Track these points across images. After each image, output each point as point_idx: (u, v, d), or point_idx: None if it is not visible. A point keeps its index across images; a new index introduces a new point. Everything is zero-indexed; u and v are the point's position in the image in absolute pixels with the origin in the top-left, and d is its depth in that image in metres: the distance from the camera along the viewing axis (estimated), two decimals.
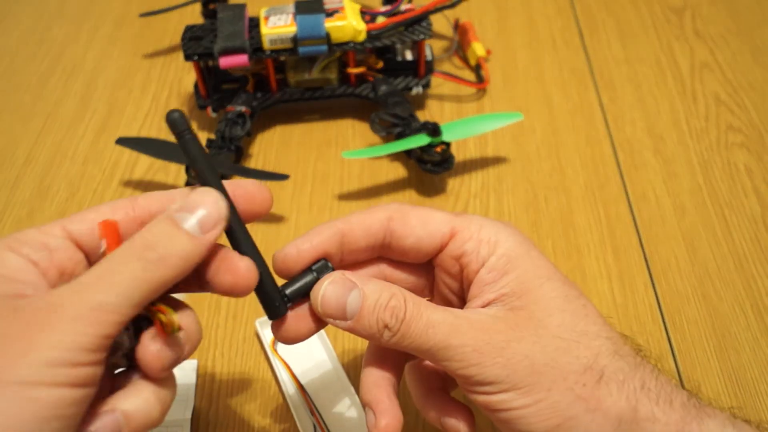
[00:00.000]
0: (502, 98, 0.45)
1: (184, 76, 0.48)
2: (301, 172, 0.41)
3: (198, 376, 0.32)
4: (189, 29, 0.41)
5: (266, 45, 0.40)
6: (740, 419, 0.21)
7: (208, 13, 0.47)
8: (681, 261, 0.36)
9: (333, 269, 0.21)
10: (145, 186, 0.41)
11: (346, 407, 0.30)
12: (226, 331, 0.34)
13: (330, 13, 0.40)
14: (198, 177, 0.19)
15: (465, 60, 0.48)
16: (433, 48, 0.46)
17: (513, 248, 0.22)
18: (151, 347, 0.18)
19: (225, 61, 0.39)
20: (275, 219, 0.39)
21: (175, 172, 0.42)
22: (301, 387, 0.30)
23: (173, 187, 0.41)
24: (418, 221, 0.23)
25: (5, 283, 0.18)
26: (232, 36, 0.39)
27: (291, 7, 0.40)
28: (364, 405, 0.23)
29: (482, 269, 0.22)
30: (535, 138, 0.43)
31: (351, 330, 0.22)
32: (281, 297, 0.21)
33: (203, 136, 0.44)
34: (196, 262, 0.18)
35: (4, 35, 0.52)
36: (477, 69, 0.47)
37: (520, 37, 0.50)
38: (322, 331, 0.32)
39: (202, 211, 0.18)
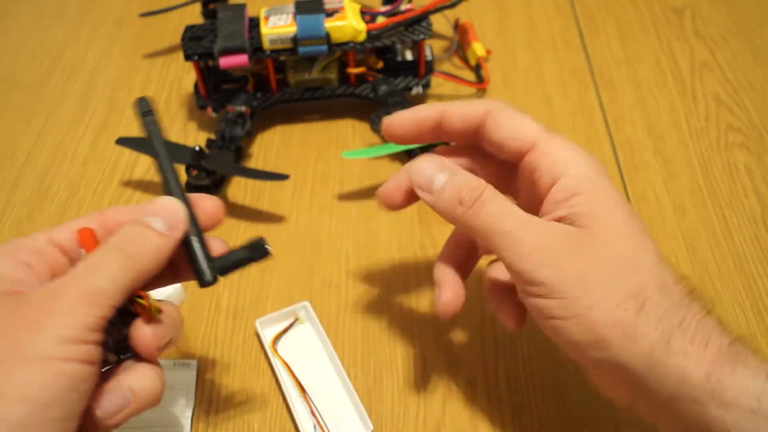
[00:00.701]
0: (502, 98, 0.45)
1: (184, 76, 0.48)
2: (301, 172, 0.41)
3: (198, 376, 0.32)
4: (189, 29, 0.41)
5: (266, 45, 0.40)
6: None
7: (208, 13, 0.47)
8: (681, 261, 0.36)
9: (268, 250, 0.23)
10: (145, 186, 0.41)
11: (346, 407, 0.30)
12: (226, 331, 0.34)
13: (330, 13, 0.40)
14: (158, 168, 0.23)
15: (465, 60, 0.48)
16: (433, 48, 0.46)
17: (587, 172, 0.24)
18: (145, 330, 0.21)
19: (225, 61, 0.39)
20: (275, 219, 0.39)
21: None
22: (301, 387, 0.30)
23: None
24: (509, 123, 0.25)
25: (4, 283, 0.20)
26: (232, 36, 0.39)
27: (291, 7, 0.40)
28: (435, 283, 0.26)
29: (554, 187, 0.24)
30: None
31: (432, 204, 0.25)
32: (213, 266, 0.22)
33: (203, 136, 0.44)
34: (167, 255, 0.21)
35: (4, 35, 0.52)
36: (477, 69, 0.47)
37: (520, 37, 0.50)
38: (322, 332, 0.32)
39: (166, 214, 0.22)
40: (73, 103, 0.47)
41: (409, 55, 0.45)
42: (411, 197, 0.27)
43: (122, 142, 0.41)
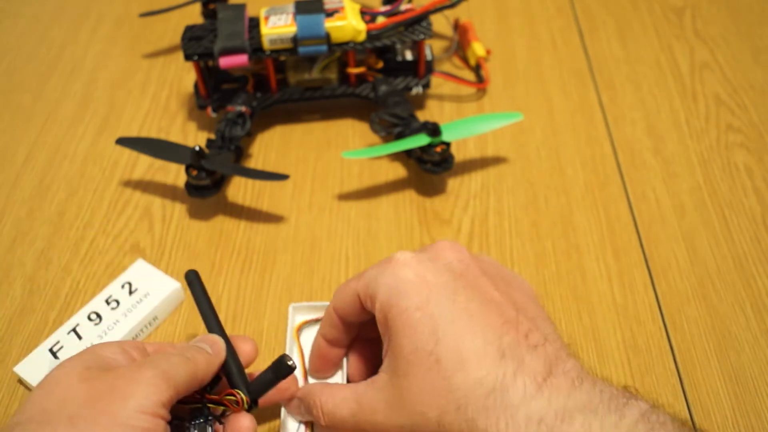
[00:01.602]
0: (502, 98, 0.45)
1: (184, 76, 0.48)
2: (301, 172, 0.41)
3: None
4: (189, 29, 0.41)
5: (266, 45, 0.40)
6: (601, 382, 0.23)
7: (208, 13, 0.47)
8: (681, 261, 0.36)
9: (292, 367, 0.25)
10: (145, 186, 0.41)
11: None
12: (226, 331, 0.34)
13: (330, 13, 0.40)
14: (204, 322, 0.28)
15: (465, 60, 0.48)
16: (433, 48, 0.46)
17: (386, 305, 0.25)
18: (244, 422, 0.25)
19: (225, 61, 0.39)
20: (275, 219, 0.39)
21: (175, 172, 0.41)
22: (306, 377, 0.30)
23: (172, 186, 0.41)
24: (344, 306, 0.28)
25: (102, 360, 0.25)
26: (232, 36, 0.39)
27: (291, 7, 0.40)
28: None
29: (378, 323, 0.26)
30: (535, 138, 0.43)
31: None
32: (249, 393, 0.26)
33: (203, 136, 0.44)
34: (214, 369, 0.26)
35: (3, 35, 0.52)
36: (477, 69, 0.47)
37: (520, 37, 0.49)
38: None
39: (211, 343, 0.27)
40: (72, 103, 0.47)
41: (409, 55, 0.45)
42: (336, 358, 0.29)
43: (122, 142, 0.41)
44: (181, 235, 0.38)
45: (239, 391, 0.25)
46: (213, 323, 0.28)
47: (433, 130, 0.38)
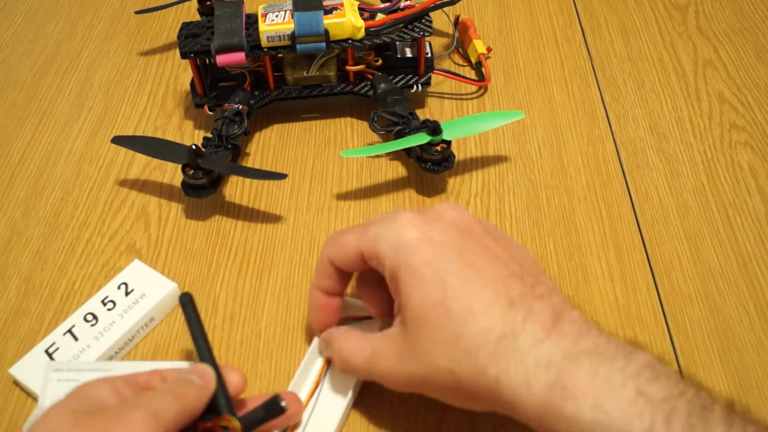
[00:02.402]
0: (503, 96, 0.45)
1: (181, 74, 0.47)
2: (300, 171, 0.41)
3: None
4: (185, 26, 0.41)
5: (264, 42, 0.39)
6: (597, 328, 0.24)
7: (205, 10, 0.46)
8: (684, 261, 0.36)
9: (283, 408, 0.25)
10: (141, 185, 0.41)
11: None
12: (223, 333, 0.33)
13: (328, 10, 0.39)
14: (196, 349, 0.28)
15: (465, 57, 0.48)
16: (433, 45, 0.45)
17: (394, 264, 0.25)
18: None
19: (222, 59, 0.39)
20: (273, 219, 0.38)
21: (172, 171, 0.41)
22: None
23: (169, 185, 0.40)
24: (340, 253, 0.28)
25: (87, 399, 0.24)
26: (229, 33, 0.39)
27: (289, 4, 0.40)
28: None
29: (388, 281, 0.26)
30: (537, 137, 0.42)
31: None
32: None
33: (200, 135, 0.43)
34: (205, 401, 0.26)
35: None
36: (478, 66, 0.47)
37: (522, 35, 0.49)
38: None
39: (201, 374, 0.26)
40: (68, 102, 0.46)
41: (408, 53, 0.44)
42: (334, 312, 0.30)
43: (118, 141, 0.40)
44: (178, 235, 0.38)
45: (232, 417, 0.25)
46: (204, 350, 0.27)
47: (434, 128, 0.37)
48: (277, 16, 0.39)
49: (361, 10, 0.40)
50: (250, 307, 0.34)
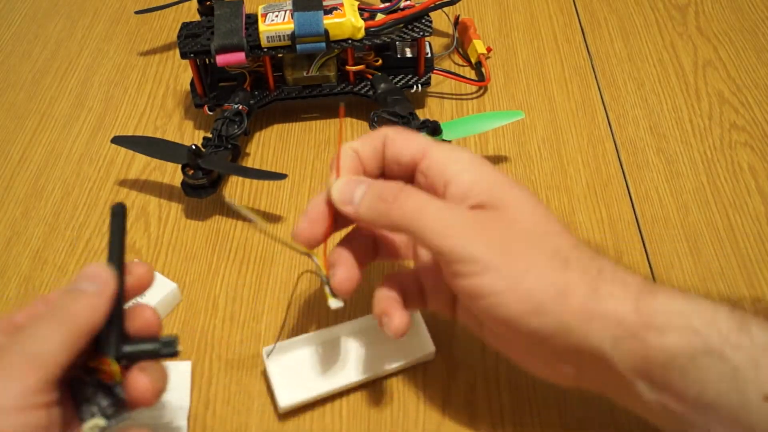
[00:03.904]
0: (503, 96, 0.45)
1: (181, 74, 0.47)
2: (299, 171, 0.41)
3: (194, 377, 0.31)
4: (185, 26, 0.41)
5: (264, 42, 0.39)
6: (693, 293, 0.23)
7: (205, 10, 0.46)
8: (684, 261, 0.36)
9: (177, 351, 0.24)
10: (141, 185, 0.41)
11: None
12: (223, 333, 0.33)
13: (328, 10, 0.39)
14: (108, 249, 0.24)
15: (465, 57, 0.48)
16: (433, 45, 0.45)
17: (474, 166, 0.25)
18: (141, 380, 0.22)
19: (222, 59, 0.39)
20: (273, 219, 0.38)
21: (172, 171, 0.41)
22: None
23: (169, 185, 0.40)
24: (401, 138, 0.27)
25: None
26: (229, 33, 0.39)
27: (289, 4, 0.40)
28: (330, 264, 0.27)
29: (450, 187, 0.25)
30: (537, 137, 0.42)
31: (355, 212, 0.26)
32: (119, 348, 0.23)
33: (200, 135, 0.43)
34: (104, 311, 0.22)
35: None
36: (478, 66, 0.47)
37: (522, 35, 0.49)
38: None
39: (93, 277, 0.23)
40: (68, 102, 0.46)
41: (408, 53, 0.44)
42: (328, 228, 0.27)
43: (118, 140, 0.40)
44: (178, 236, 0.38)
45: (111, 361, 0.22)
46: (115, 252, 0.24)
47: (434, 128, 0.37)
48: (277, 16, 0.39)
49: (361, 10, 0.40)
50: (250, 307, 0.34)
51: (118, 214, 0.25)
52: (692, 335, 0.22)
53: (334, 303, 0.27)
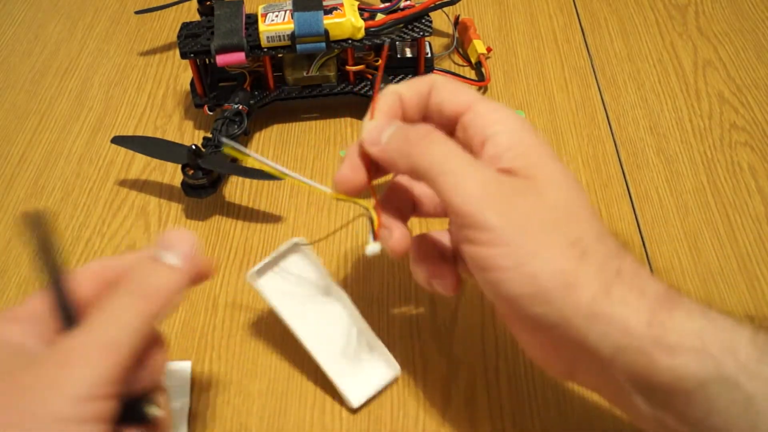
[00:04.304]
0: (503, 96, 0.45)
1: (181, 74, 0.47)
2: (300, 171, 0.41)
3: (194, 377, 0.31)
4: (185, 26, 0.41)
5: (264, 42, 0.39)
6: (714, 311, 0.21)
7: (205, 10, 0.46)
8: (684, 261, 0.36)
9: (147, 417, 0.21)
10: (141, 185, 0.41)
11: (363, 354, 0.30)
12: (223, 332, 0.33)
13: (328, 10, 0.39)
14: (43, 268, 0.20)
15: (465, 57, 0.48)
16: (433, 45, 0.45)
17: (517, 128, 0.24)
18: None
19: (222, 59, 0.39)
20: (273, 219, 0.38)
21: (172, 171, 0.41)
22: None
23: (169, 185, 0.40)
24: (449, 88, 0.25)
25: (10, 347, 0.19)
26: (229, 33, 0.39)
27: (289, 4, 0.40)
28: (382, 226, 0.26)
29: (488, 144, 0.23)
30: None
31: (381, 153, 0.25)
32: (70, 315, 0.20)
33: (200, 135, 0.43)
34: (181, 291, 0.21)
35: None
36: (478, 66, 0.47)
37: (522, 35, 0.49)
38: (322, 269, 0.30)
39: (180, 245, 0.21)
40: (68, 102, 0.46)
41: (408, 53, 0.44)
42: (368, 174, 0.26)
43: (118, 141, 0.40)
44: None
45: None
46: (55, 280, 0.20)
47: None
48: (277, 16, 0.39)
49: (361, 10, 0.40)
50: (250, 306, 0.34)
51: (36, 225, 0.20)
52: (706, 360, 0.20)
53: (373, 248, 0.25)
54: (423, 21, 0.40)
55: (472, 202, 0.22)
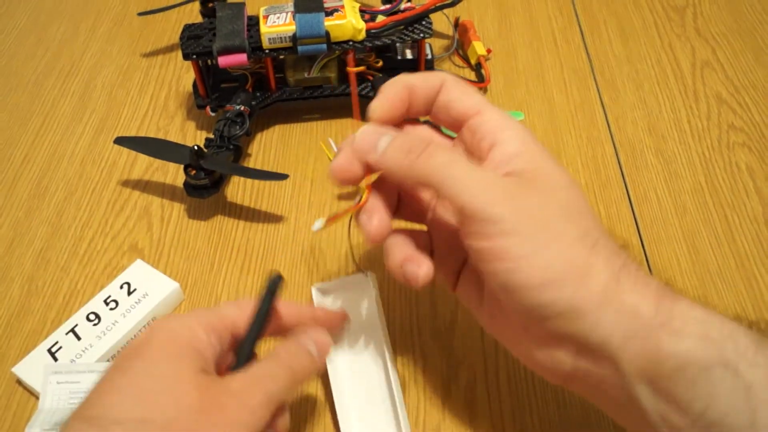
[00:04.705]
0: (503, 97, 0.45)
1: (183, 75, 0.48)
2: (301, 171, 0.41)
3: None
4: (187, 28, 0.41)
5: (265, 44, 0.39)
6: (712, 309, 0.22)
7: (207, 12, 0.46)
8: (682, 261, 0.36)
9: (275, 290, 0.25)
10: (144, 186, 0.41)
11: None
12: None
13: (329, 12, 0.39)
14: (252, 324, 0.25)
15: (465, 59, 0.48)
16: (433, 47, 0.46)
17: (523, 137, 0.25)
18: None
19: (224, 60, 0.39)
20: (274, 219, 0.39)
21: (174, 171, 0.41)
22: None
23: (171, 185, 0.41)
24: (461, 89, 0.26)
25: (200, 358, 0.23)
26: (230, 35, 0.39)
27: (290, 6, 0.40)
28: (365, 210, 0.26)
29: (495, 149, 0.24)
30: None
31: (379, 161, 0.25)
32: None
33: (202, 136, 0.43)
34: (313, 374, 0.26)
35: (1, 34, 0.52)
36: (477, 68, 0.47)
37: (521, 36, 0.49)
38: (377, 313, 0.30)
39: (319, 344, 0.26)
40: (71, 103, 0.46)
41: (409, 54, 0.44)
42: (366, 167, 0.26)
43: (120, 141, 0.41)
44: (180, 235, 0.38)
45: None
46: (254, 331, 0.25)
47: (434, 129, 0.38)
48: (278, 17, 0.39)
49: (361, 11, 0.40)
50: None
51: (272, 289, 0.25)
52: (709, 345, 0.21)
53: (317, 224, 0.26)
54: (423, 23, 0.41)
55: (481, 199, 0.22)
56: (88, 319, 0.33)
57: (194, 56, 0.40)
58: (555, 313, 0.22)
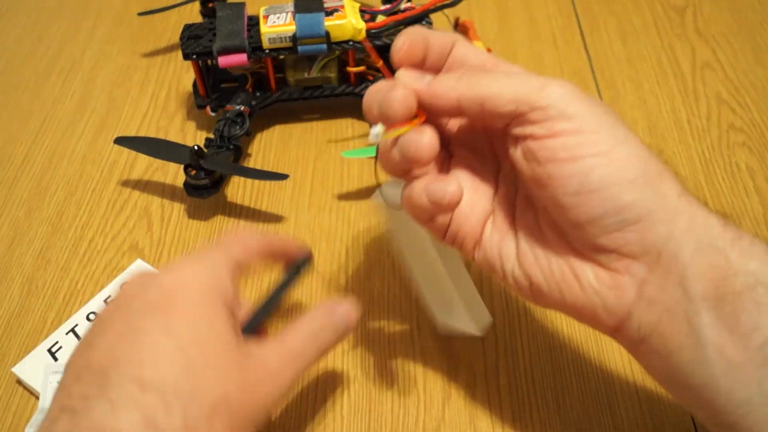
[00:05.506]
0: None
1: (183, 75, 0.48)
2: (301, 171, 0.41)
3: None
4: (187, 28, 0.41)
5: (265, 44, 0.39)
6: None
7: (207, 12, 0.46)
8: None
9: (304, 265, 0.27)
10: (144, 185, 0.41)
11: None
12: None
13: (329, 12, 0.39)
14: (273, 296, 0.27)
15: None
16: None
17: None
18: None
19: (224, 60, 0.39)
20: (274, 219, 0.39)
21: (174, 171, 0.41)
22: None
23: (171, 185, 0.41)
24: (472, 49, 0.25)
25: (232, 316, 0.23)
26: (231, 35, 0.39)
27: (290, 6, 0.40)
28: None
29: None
30: None
31: (432, 87, 0.23)
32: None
33: (202, 136, 0.43)
34: (335, 345, 0.26)
35: (1, 33, 0.52)
36: None
37: (521, 36, 0.49)
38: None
39: (351, 325, 0.26)
40: (71, 103, 0.46)
41: None
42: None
43: (120, 141, 0.41)
44: (180, 235, 0.38)
45: None
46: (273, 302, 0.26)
47: None
48: (278, 17, 0.39)
49: (362, 11, 0.40)
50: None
51: (301, 266, 0.27)
52: None
53: (376, 130, 0.23)
54: (423, 23, 0.41)
55: (555, 97, 0.21)
56: (88, 319, 0.33)
57: (194, 56, 0.40)
58: (631, 218, 0.21)
